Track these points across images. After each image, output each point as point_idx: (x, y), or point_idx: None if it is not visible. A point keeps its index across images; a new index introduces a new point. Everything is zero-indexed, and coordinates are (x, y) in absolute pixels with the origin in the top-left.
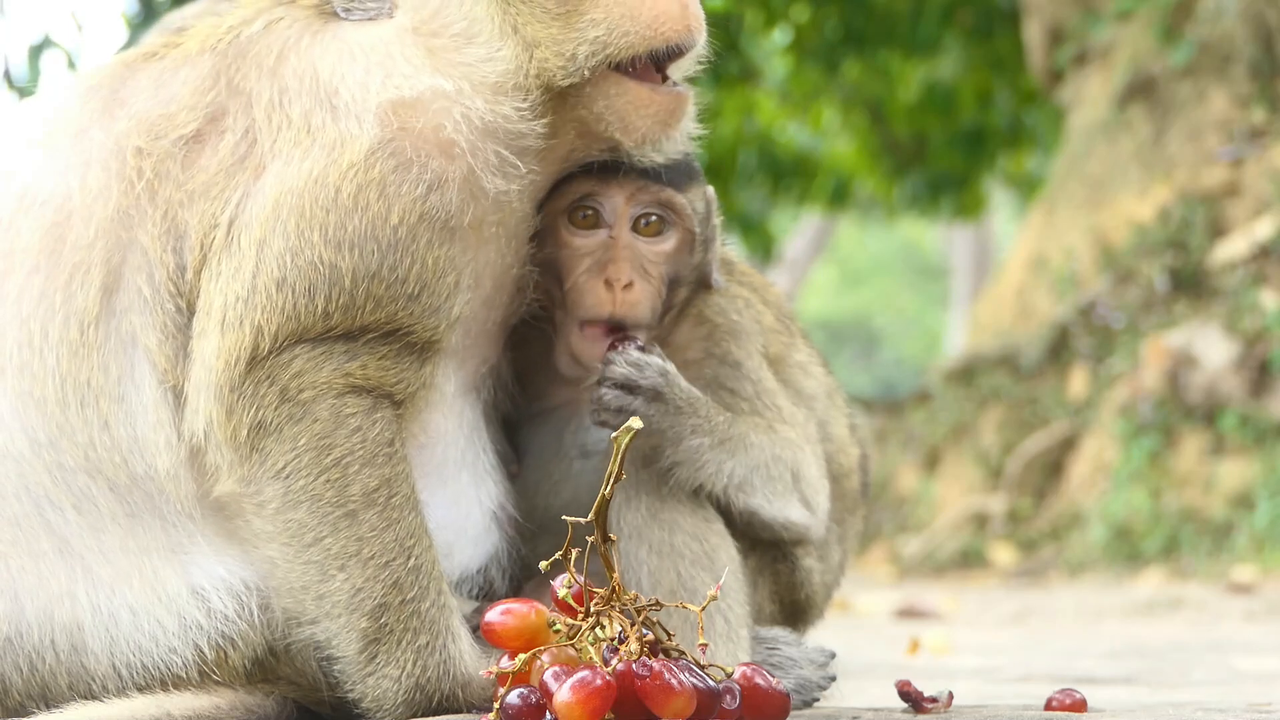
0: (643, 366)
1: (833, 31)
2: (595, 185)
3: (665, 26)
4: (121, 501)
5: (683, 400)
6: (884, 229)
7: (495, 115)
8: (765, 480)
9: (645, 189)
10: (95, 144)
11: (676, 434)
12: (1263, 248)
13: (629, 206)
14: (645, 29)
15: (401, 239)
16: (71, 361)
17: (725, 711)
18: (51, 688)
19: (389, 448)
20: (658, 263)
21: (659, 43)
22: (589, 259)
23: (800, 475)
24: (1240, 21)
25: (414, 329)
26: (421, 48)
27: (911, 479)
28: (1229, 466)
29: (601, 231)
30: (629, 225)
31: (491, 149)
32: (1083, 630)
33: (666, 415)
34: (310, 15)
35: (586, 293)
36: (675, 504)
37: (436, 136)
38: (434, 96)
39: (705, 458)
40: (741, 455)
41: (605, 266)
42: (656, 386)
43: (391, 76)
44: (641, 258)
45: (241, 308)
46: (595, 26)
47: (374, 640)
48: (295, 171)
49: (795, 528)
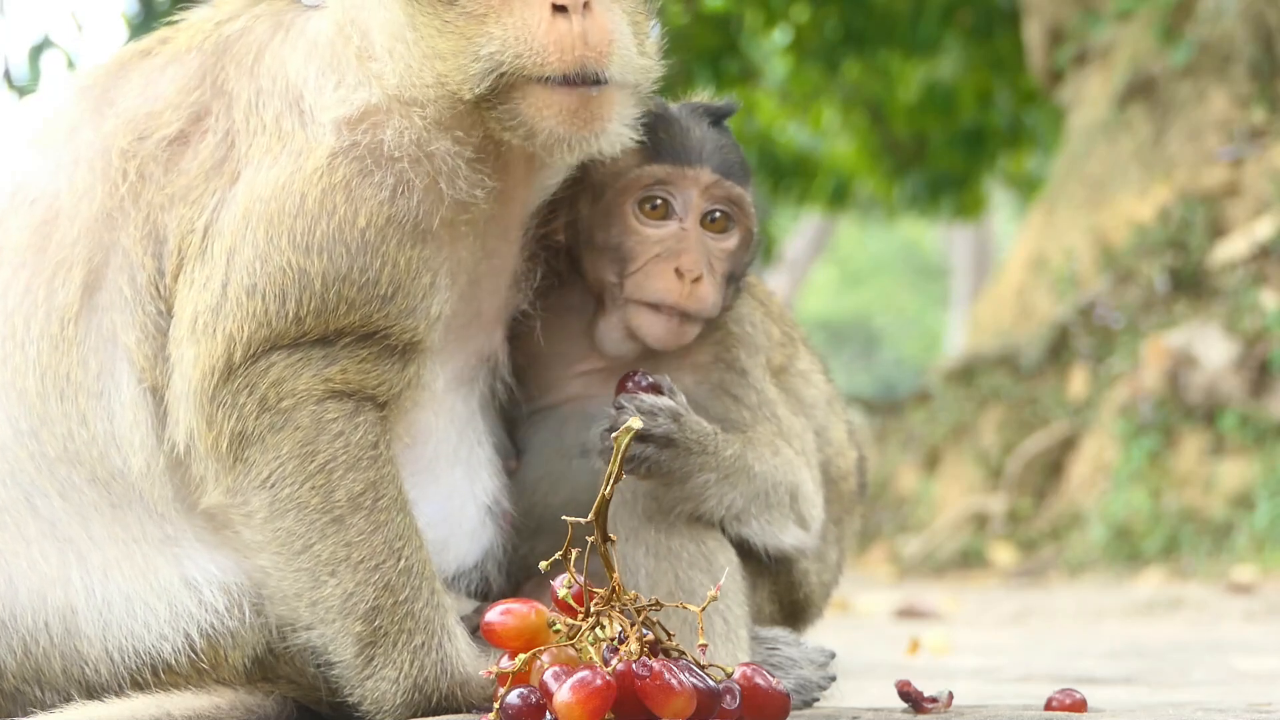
0: (655, 414)
1: (833, 31)
2: (669, 173)
3: (553, 56)
4: (104, 493)
5: (693, 440)
6: (884, 229)
7: (415, 129)
8: (763, 508)
9: (719, 184)
10: (84, 143)
11: (685, 473)
12: (1263, 248)
13: (701, 200)
14: (534, 55)
15: (370, 241)
16: (52, 355)
17: (725, 711)
18: (45, 671)
19: (373, 450)
20: (722, 259)
21: (548, 70)
22: (659, 247)
23: (798, 495)
24: (1240, 21)
25: (391, 330)
26: (351, 51)
27: (911, 479)
28: (1229, 466)
29: (672, 223)
30: (699, 219)
31: (436, 158)
32: (1083, 630)
33: (677, 458)
34: (283, 8)
35: (657, 278)
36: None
37: (383, 150)
38: (370, 111)
39: (710, 492)
40: (743, 485)
41: (678, 256)
42: (669, 434)
43: (340, 85)
44: (709, 252)
45: (213, 317)
46: (491, 43)
47: (369, 643)
48: (264, 179)
49: (790, 550)
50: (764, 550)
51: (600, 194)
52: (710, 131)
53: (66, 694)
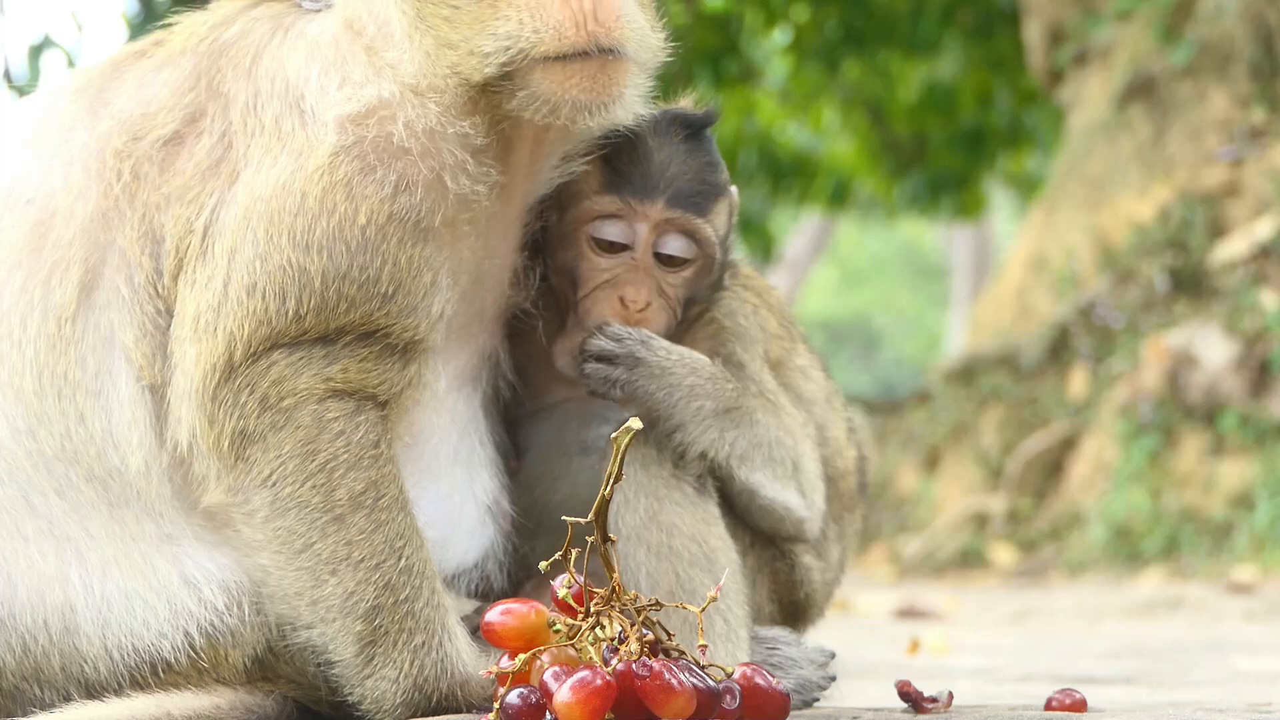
0: (621, 339)
1: (833, 31)
2: (623, 206)
3: (569, 32)
4: (102, 491)
5: (670, 361)
6: (884, 229)
7: (430, 117)
8: (767, 460)
9: (672, 219)
10: (79, 144)
11: (669, 395)
12: (1263, 248)
13: (653, 235)
14: (550, 32)
15: (371, 239)
16: (49, 354)
17: (725, 711)
18: (44, 670)
19: (374, 450)
20: (676, 285)
21: (565, 47)
22: (607, 274)
23: (800, 467)
24: (1240, 21)
25: (392, 329)
26: (359, 46)
27: (911, 479)
28: (1229, 466)
29: (624, 254)
30: (651, 251)
31: (445, 149)
32: (1083, 630)
33: (652, 378)
34: (281, 10)
35: (603, 304)
36: (674, 506)
37: (390, 144)
38: (379, 105)
39: (707, 422)
40: (746, 429)
41: (623, 286)
42: (633, 352)
43: (345, 84)
44: (661, 280)
45: (214, 315)
46: (505, 24)
47: (370, 642)
48: (265, 179)
49: (794, 514)
50: (773, 504)
51: (563, 213)
52: (678, 152)
53: (66, 692)
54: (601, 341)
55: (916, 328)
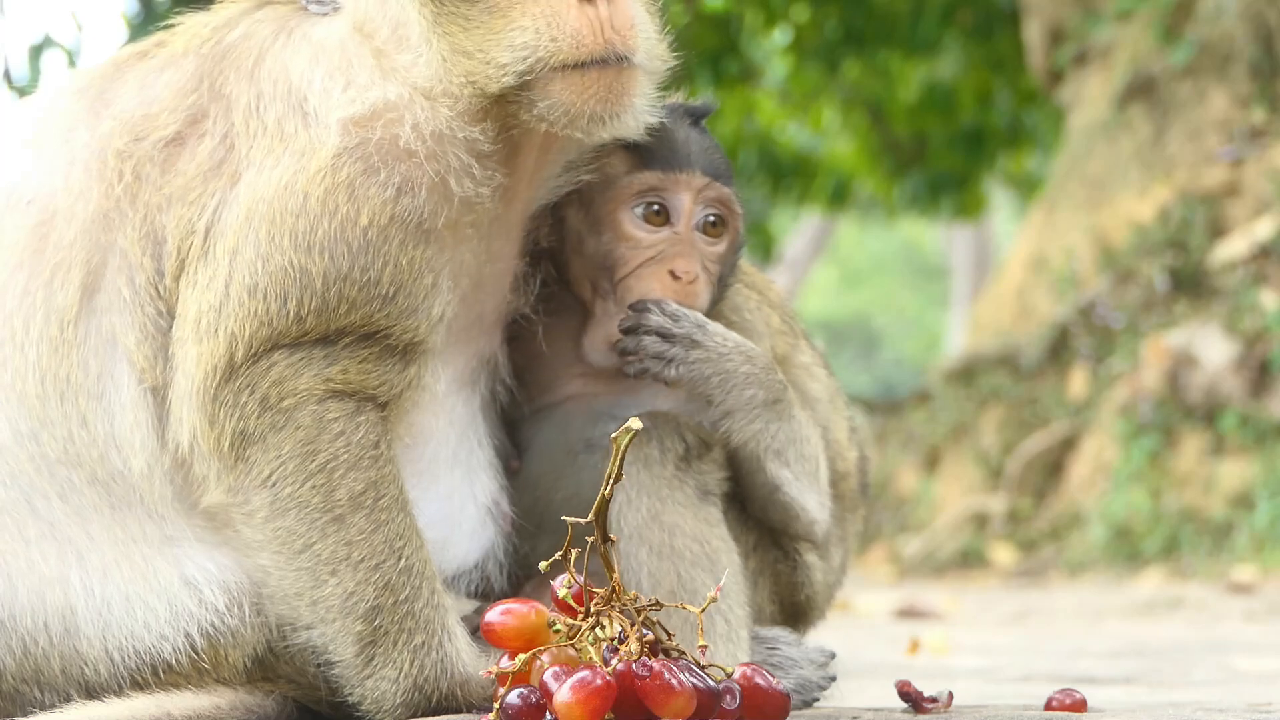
0: (678, 318)
1: (833, 31)
2: (661, 179)
3: (587, 40)
4: (103, 494)
5: (728, 347)
6: (884, 229)
7: (440, 121)
8: (798, 457)
9: (711, 187)
10: (80, 144)
11: (725, 381)
12: (1263, 248)
13: (695, 205)
14: (567, 41)
15: (372, 240)
16: (51, 357)
17: (725, 711)
18: (45, 672)
19: (374, 450)
20: (714, 260)
21: (582, 55)
22: (652, 251)
23: (821, 468)
24: (1240, 21)
25: (392, 330)
26: (366, 51)
27: (911, 479)
28: (1229, 466)
29: (666, 229)
30: (693, 223)
31: (451, 153)
32: (1083, 630)
33: (709, 362)
34: (285, 13)
35: (650, 280)
36: (676, 506)
37: (395, 146)
38: (385, 108)
39: (756, 412)
40: (786, 423)
41: (673, 260)
42: (690, 334)
43: (350, 86)
44: (703, 255)
45: (215, 316)
46: (522, 34)
47: (370, 643)
48: (267, 180)
49: (808, 514)
50: (793, 503)
51: (589, 203)
52: (694, 133)
53: (66, 694)
54: (658, 318)
55: (916, 328)
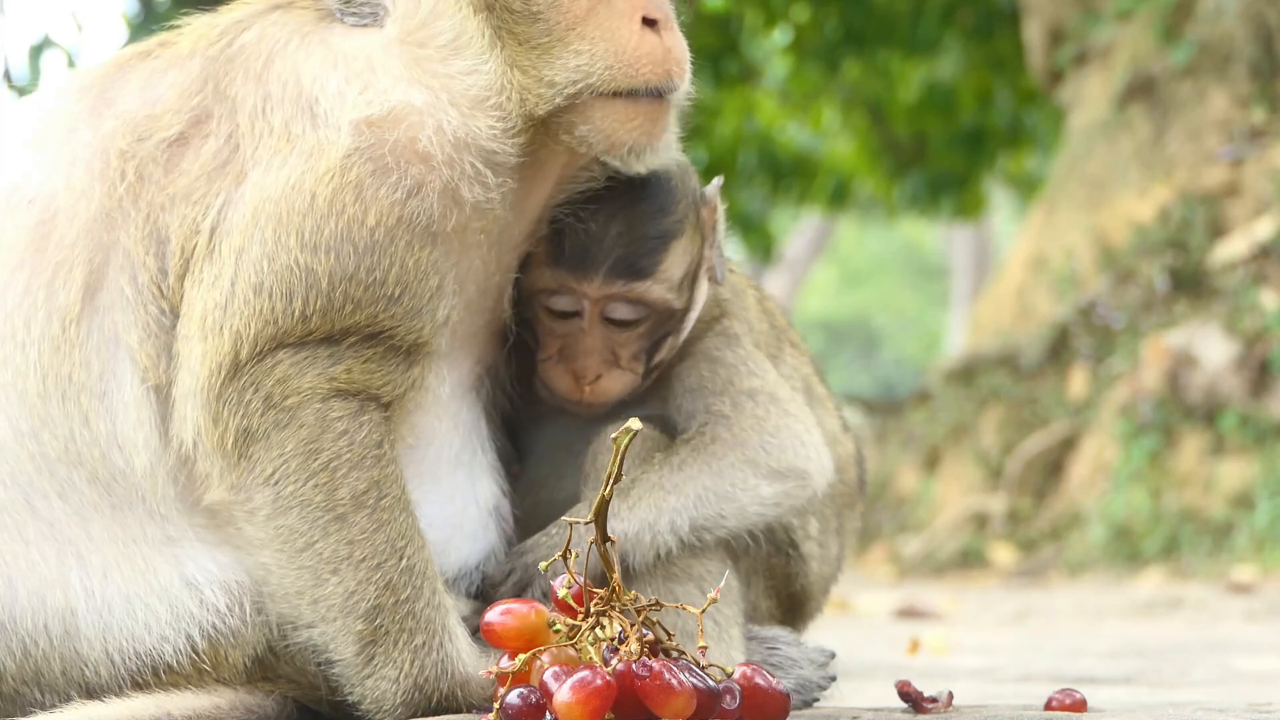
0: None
1: (833, 31)
2: (566, 278)
3: (646, 69)
4: (105, 493)
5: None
6: (884, 229)
7: (469, 129)
8: (718, 498)
9: (613, 286)
10: (82, 144)
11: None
12: (1263, 248)
13: (597, 306)
14: (627, 68)
15: (379, 241)
16: (53, 357)
17: (725, 711)
18: (45, 673)
19: (377, 450)
20: (629, 344)
21: (638, 83)
22: (560, 342)
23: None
24: (1240, 21)
25: (397, 331)
26: (406, 59)
27: (911, 479)
28: (1229, 466)
29: (574, 320)
30: (599, 318)
31: (468, 160)
32: (1083, 630)
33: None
34: (304, 18)
35: (557, 376)
36: None
37: (413, 148)
38: (407, 111)
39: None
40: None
41: (575, 358)
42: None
43: (367, 90)
44: (613, 343)
45: (221, 314)
46: (578, 57)
47: (370, 642)
48: (274, 179)
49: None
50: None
51: (521, 275)
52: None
53: (66, 696)
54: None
55: (916, 328)
